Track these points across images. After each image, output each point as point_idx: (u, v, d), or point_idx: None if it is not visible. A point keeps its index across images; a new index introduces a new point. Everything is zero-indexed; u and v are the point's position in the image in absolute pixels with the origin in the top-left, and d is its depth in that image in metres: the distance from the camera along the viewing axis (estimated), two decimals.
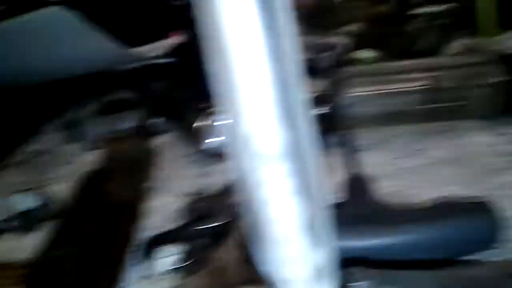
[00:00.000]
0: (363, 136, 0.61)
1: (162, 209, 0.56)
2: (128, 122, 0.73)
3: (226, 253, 0.47)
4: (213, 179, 0.60)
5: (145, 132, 0.65)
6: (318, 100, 0.68)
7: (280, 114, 0.18)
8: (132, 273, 0.46)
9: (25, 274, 0.39)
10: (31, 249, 0.53)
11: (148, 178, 0.59)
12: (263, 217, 0.19)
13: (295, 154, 0.18)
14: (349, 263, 0.35)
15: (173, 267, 0.45)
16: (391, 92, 0.60)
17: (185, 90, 0.77)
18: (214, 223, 0.49)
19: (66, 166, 0.71)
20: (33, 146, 0.78)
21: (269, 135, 0.18)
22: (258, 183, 0.18)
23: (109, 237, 0.43)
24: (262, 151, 0.18)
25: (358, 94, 0.60)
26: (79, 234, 0.41)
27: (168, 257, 0.47)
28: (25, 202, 0.58)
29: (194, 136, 0.63)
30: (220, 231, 0.49)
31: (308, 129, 0.19)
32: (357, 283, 0.32)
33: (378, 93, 0.58)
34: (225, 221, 0.49)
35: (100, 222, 0.43)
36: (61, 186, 0.65)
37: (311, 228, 0.19)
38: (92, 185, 0.49)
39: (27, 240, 0.55)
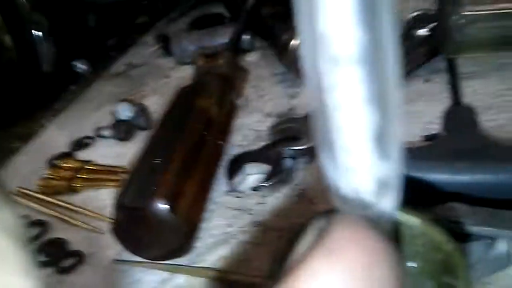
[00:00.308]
0: (470, 63, 0.55)
1: (250, 127, 0.57)
2: (219, 37, 0.73)
3: (310, 176, 0.48)
4: (302, 100, 0.59)
5: (236, 49, 0.64)
6: (421, 19, 0.62)
7: (360, 12, 0.16)
8: (221, 187, 0.48)
9: (124, 178, 0.43)
10: (132, 155, 0.58)
11: (238, 96, 0.59)
12: (332, 123, 0.18)
13: (373, 58, 0.17)
14: (448, 198, 0.34)
15: (258, 185, 0.46)
16: (509, 12, 0.52)
17: (275, 7, 0.74)
18: (300, 145, 0.49)
19: (161, 80, 0.74)
20: (130, 58, 0.81)
21: (345, 35, 0.16)
22: (329, 87, 0.17)
23: (200, 150, 0.45)
24: (337, 52, 0.16)
25: (469, 13, 0.53)
26: (172, 145, 0.43)
27: (253, 175, 0.49)
28: (126, 111, 0.62)
29: (285, 55, 0.61)
30: (305, 154, 0.49)
31: (390, 33, 0.17)
32: (458, 219, 0.31)
33: (494, 13, 0.51)
34: (310, 144, 0.49)
35: (192, 135, 0.45)
36: (156, 98, 0.69)
37: (380, 139, 0.18)
38: (185, 100, 0.51)
39: (128, 147, 0.60)
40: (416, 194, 0.39)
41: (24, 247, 0.19)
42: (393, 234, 0.22)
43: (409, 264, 0.24)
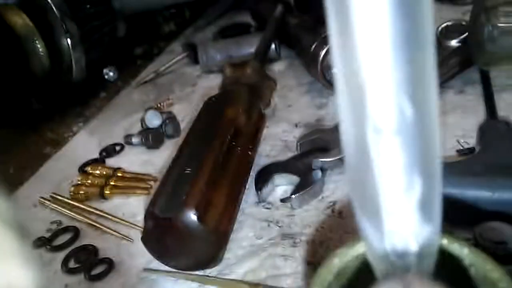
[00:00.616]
0: (504, 75, 0.54)
1: (277, 137, 0.57)
2: (246, 47, 0.73)
3: (339, 189, 0.47)
4: (330, 110, 0.59)
5: (264, 58, 0.64)
6: (453, 29, 0.61)
7: (408, 84, 0.16)
8: (250, 198, 0.48)
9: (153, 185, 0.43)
10: (160, 163, 0.58)
11: (266, 105, 0.59)
12: (376, 188, 0.18)
13: (417, 130, 0.17)
14: (487, 216, 0.33)
15: (286, 196, 0.46)
16: None
17: (302, 16, 0.74)
18: (330, 157, 0.48)
19: (188, 88, 0.74)
20: (156, 66, 0.82)
21: (391, 107, 0.17)
22: (373, 155, 0.17)
23: (229, 160, 0.45)
24: (382, 123, 0.17)
25: (503, 25, 0.52)
26: (201, 155, 0.43)
27: (282, 186, 0.49)
28: (154, 119, 0.63)
29: (313, 65, 0.61)
30: (335, 165, 0.48)
31: (434, 104, 0.18)
32: (502, 239, 0.30)
33: None
34: (340, 156, 0.49)
35: (220, 145, 0.45)
36: (184, 106, 0.69)
37: (423, 204, 0.18)
38: (213, 109, 0.51)
39: (156, 155, 0.61)
40: (453, 212, 0.38)
41: (22, 238, 0.19)
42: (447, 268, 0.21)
43: None
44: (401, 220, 0.18)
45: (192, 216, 0.39)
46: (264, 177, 0.49)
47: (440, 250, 0.22)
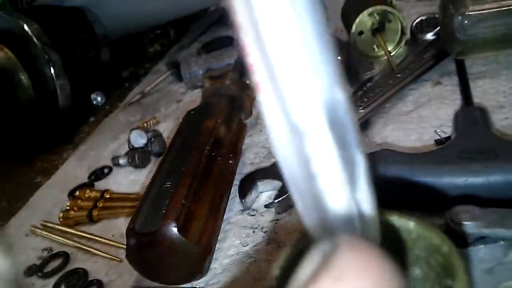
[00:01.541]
0: (479, 63, 0.54)
1: (261, 145, 0.57)
2: (227, 59, 0.74)
3: None
4: None
5: (243, 69, 0.65)
6: (427, 23, 0.62)
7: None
8: (234, 207, 0.48)
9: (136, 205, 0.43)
10: (147, 182, 0.58)
11: (247, 115, 0.59)
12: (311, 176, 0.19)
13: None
14: (458, 201, 0.33)
15: (270, 202, 0.46)
16: None
17: None
18: None
19: (173, 105, 0.75)
20: (143, 87, 0.83)
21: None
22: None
23: (209, 171, 0.45)
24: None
25: (473, 13, 0.52)
26: (180, 168, 0.43)
27: (266, 192, 0.49)
28: (139, 139, 0.63)
29: None
30: None
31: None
32: (465, 223, 0.30)
33: (497, 11, 0.50)
34: None
35: (200, 157, 0.45)
36: (170, 123, 0.70)
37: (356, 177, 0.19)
38: (192, 122, 0.51)
39: (143, 174, 0.61)
40: (428, 199, 0.38)
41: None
42: (393, 242, 0.22)
43: (414, 270, 0.24)
44: (334, 195, 0.18)
45: (173, 230, 0.39)
46: (247, 184, 0.49)
47: (389, 226, 0.22)
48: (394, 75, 0.56)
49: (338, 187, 0.19)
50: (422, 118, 0.50)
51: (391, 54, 0.60)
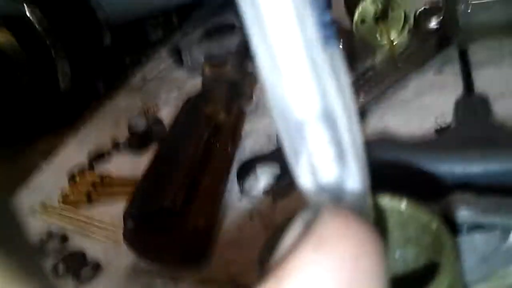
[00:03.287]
0: (481, 51, 0.54)
1: (261, 131, 0.57)
2: (229, 46, 0.73)
3: None
4: None
5: (244, 55, 0.64)
6: (431, 12, 0.61)
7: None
8: (231, 191, 0.48)
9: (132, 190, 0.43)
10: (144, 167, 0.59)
11: (247, 101, 0.59)
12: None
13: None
14: (456, 189, 0.33)
15: (269, 188, 0.46)
16: None
17: None
18: None
19: (174, 91, 0.75)
20: (144, 73, 0.83)
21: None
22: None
23: (208, 157, 0.45)
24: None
25: (477, 1, 0.51)
26: (179, 153, 0.43)
27: (264, 178, 0.49)
28: (139, 123, 0.63)
29: None
30: None
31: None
32: (461, 210, 0.30)
33: None
34: None
35: (199, 142, 0.45)
36: (170, 110, 0.70)
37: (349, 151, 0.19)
38: (191, 108, 0.51)
39: (142, 159, 0.61)
40: (426, 187, 0.38)
41: None
42: (380, 221, 0.22)
43: (406, 252, 0.24)
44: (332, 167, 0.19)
45: (170, 214, 0.39)
46: (245, 170, 0.49)
47: (381, 209, 0.22)
48: (396, 63, 0.56)
49: (328, 162, 0.19)
50: (423, 107, 0.50)
51: (394, 43, 0.59)
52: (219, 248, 0.43)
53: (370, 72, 0.56)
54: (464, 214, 0.29)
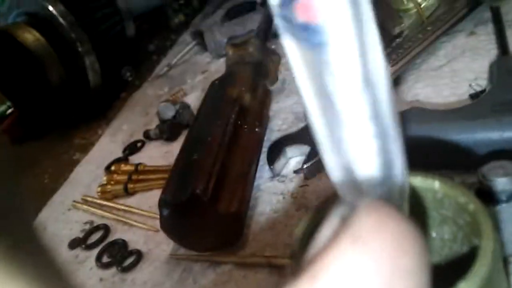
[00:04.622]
0: None
1: (288, 110, 0.56)
2: (250, 25, 0.72)
3: None
4: None
5: (267, 34, 0.63)
6: None
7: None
8: (262, 173, 0.48)
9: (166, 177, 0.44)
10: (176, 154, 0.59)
11: (273, 81, 0.58)
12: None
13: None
14: (493, 157, 0.31)
15: (299, 167, 0.46)
16: None
17: None
18: None
19: (199, 75, 0.75)
20: (169, 59, 0.83)
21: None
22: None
23: (236, 140, 0.45)
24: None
25: None
26: (207, 138, 0.44)
27: (295, 158, 0.48)
28: (168, 111, 0.64)
29: None
30: None
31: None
32: (498, 179, 0.29)
33: None
34: None
35: (226, 126, 0.45)
36: (197, 94, 0.70)
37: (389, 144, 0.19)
38: (216, 92, 0.51)
39: (174, 146, 0.62)
40: (462, 157, 0.36)
41: None
42: (416, 202, 0.21)
43: (442, 231, 0.23)
44: (364, 160, 0.18)
45: (201, 199, 0.39)
46: (275, 151, 0.49)
47: (413, 188, 0.22)
48: (425, 28, 0.53)
49: (368, 152, 0.18)
50: (455, 72, 0.48)
51: (421, 6, 0.57)
52: (253, 230, 0.43)
53: (398, 40, 0.54)
54: (502, 181, 0.28)
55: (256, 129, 0.49)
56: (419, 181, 0.22)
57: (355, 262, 0.16)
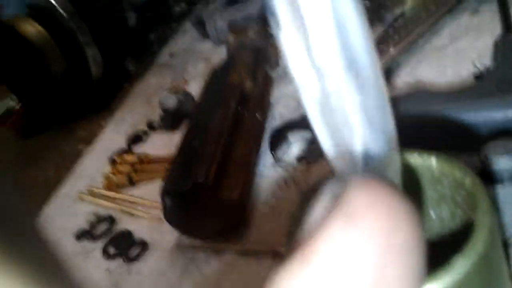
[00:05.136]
0: None
1: (290, 96, 0.55)
2: (252, 10, 0.71)
3: None
4: None
5: (267, 19, 0.62)
6: None
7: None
8: (264, 160, 0.48)
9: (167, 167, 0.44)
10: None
11: (274, 66, 0.58)
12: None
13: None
14: (497, 137, 0.31)
15: (301, 154, 0.46)
16: None
17: None
18: None
19: (201, 63, 0.74)
20: (170, 48, 0.83)
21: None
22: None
23: (237, 127, 0.45)
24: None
25: None
26: (208, 126, 0.43)
27: (297, 144, 0.48)
28: (170, 101, 0.63)
29: None
30: None
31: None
32: (500, 158, 0.28)
33: None
34: None
35: (227, 113, 0.45)
36: (199, 82, 0.69)
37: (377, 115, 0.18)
38: (217, 79, 0.50)
39: (177, 135, 0.61)
40: (466, 138, 0.36)
41: None
42: (412, 181, 0.21)
43: (440, 210, 0.22)
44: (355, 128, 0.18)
45: (204, 187, 0.39)
46: (277, 137, 0.48)
47: (406, 166, 0.21)
48: (427, 7, 0.52)
49: (355, 124, 0.18)
50: (458, 52, 0.47)
51: None
52: (256, 218, 0.43)
53: (399, 21, 0.53)
54: (504, 161, 0.27)
55: (258, 115, 0.49)
56: (416, 159, 0.22)
57: (347, 241, 0.15)
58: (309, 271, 0.15)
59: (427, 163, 0.21)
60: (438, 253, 0.16)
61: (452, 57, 0.46)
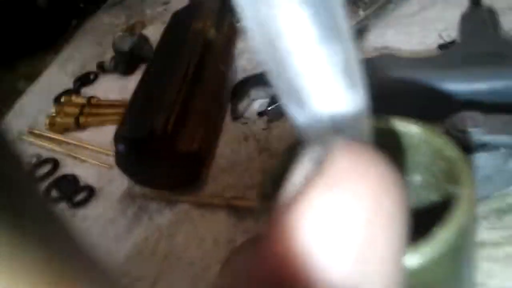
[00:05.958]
0: None
1: (253, 50, 0.54)
2: None
3: None
4: None
5: None
6: None
7: None
8: (226, 114, 0.47)
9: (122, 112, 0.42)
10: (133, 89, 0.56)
11: (239, 16, 0.55)
12: (291, 70, 0.16)
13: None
14: (462, 107, 0.31)
15: (263, 109, 0.45)
16: None
17: None
18: None
19: (160, 6, 0.70)
20: None
21: None
22: (278, 34, 0.15)
23: (199, 76, 0.43)
24: None
25: None
26: (169, 73, 0.41)
27: (259, 100, 0.47)
28: (125, 43, 0.59)
29: None
30: None
31: None
32: (468, 129, 0.29)
33: None
34: None
35: (189, 61, 0.42)
36: (157, 27, 0.66)
37: (346, 71, 0.16)
38: (180, 24, 0.48)
39: (131, 80, 0.58)
40: (430, 106, 0.36)
41: None
42: (390, 147, 0.20)
43: (414, 177, 0.23)
44: (327, 91, 0.16)
45: (161, 136, 0.37)
46: (239, 91, 0.47)
47: (388, 132, 0.21)
48: None
49: (322, 81, 0.16)
50: (426, 21, 0.47)
51: None
52: (213, 171, 0.42)
53: None
54: (470, 133, 0.28)
55: (221, 67, 0.47)
56: (395, 125, 0.21)
57: (333, 207, 0.15)
58: (298, 234, 0.14)
59: (407, 129, 0.21)
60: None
61: (419, 26, 0.46)
